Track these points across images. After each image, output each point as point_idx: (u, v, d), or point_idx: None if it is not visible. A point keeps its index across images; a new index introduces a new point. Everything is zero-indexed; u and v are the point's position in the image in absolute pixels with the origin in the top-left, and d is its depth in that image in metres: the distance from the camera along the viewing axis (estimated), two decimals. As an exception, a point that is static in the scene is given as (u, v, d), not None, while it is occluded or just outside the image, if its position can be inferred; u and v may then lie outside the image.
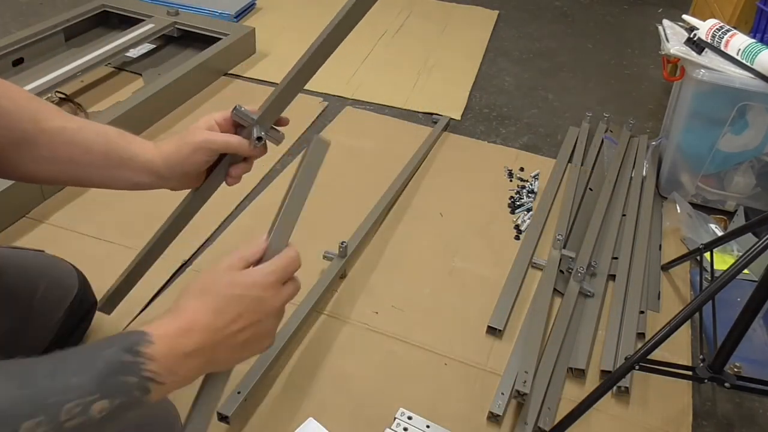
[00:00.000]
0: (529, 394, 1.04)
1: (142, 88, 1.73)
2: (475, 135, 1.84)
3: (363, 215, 1.41)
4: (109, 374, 0.46)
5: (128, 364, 0.47)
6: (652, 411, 1.09)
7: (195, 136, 0.72)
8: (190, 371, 0.53)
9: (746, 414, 1.11)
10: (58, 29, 1.98)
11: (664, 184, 1.63)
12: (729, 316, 0.96)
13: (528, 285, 1.32)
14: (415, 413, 1.03)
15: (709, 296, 0.94)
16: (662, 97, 2.09)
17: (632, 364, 0.95)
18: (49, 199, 1.41)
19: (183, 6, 2.21)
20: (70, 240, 1.31)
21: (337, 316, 1.21)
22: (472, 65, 2.22)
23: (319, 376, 1.09)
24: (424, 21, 2.52)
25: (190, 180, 0.77)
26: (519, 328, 1.22)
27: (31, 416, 0.42)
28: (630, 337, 1.19)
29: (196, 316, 0.53)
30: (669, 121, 1.72)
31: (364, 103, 1.94)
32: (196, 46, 2.07)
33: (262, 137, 0.73)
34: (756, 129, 1.47)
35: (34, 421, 0.41)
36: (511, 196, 1.57)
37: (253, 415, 1.01)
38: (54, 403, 0.43)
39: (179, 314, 0.53)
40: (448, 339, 1.18)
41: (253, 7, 2.46)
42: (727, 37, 1.44)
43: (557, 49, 2.42)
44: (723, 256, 1.39)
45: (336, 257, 1.28)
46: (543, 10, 2.77)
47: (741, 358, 1.09)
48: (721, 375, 0.96)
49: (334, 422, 1.00)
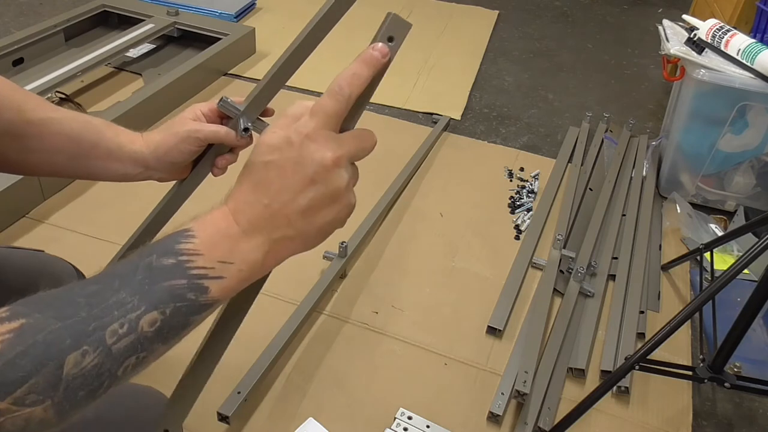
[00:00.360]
0: (529, 394, 1.04)
1: (142, 88, 1.73)
2: (475, 135, 1.84)
3: (363, 215, 1.41)
4: (151, 283, 0.42)
5: (170, 268, 0.42)
6: (652, 411, 1.09)
7: (182, 126, 0.72)
8: (251, 254, 0.45)
9: (746, 414, 1.11)
10: (58, 29, 1.98)
11: (664, 184, 1.63)
12: (729, 316, 0.96)
13: (528, 285, 1.32)
14: (415, 413, 1.03)
15: (709, 296, 0.94)
16: (662, 97, 2.09)
17: (632, 364, 0.95)
18: (49, 199, 1.41)
19: (183, 6, 2.21)
20: (70, 240, 1.31)
21: (337, 316, 1.21)
22: (472, 65, 2.22)
23: (319, 376, 1.09)
24: (424, 21, 2.52)
25: (176, 170, 0.77)
26: (519, 328, 1.22)
27: (75, 347, 0.38)
28: (630, 337, 1.19)
29: (238, 195, 0.47)
30: (669, 121, 1.72)
31: (364, 103, 1.94)
32: (196, 46, 2.07)
33: (248, 128, 0.73)
34: (756, 129, 1.47)
35: (78, 352, 0.38)
36: (511, 196, 1.57)
37: (253, 415, 1.01)
38: (96, 328, 0.39)
39: (223, 202, 0.47)
40: (448, 339, 1.18)
41: (253, 7, 2.46)
42: (727, 37, 1.44)
43: (557, 49, 2.42)
44: (723, 256, 1.39)
45: (336, 257, 1.28)
46: (543, 10, 2.77)
47: (741, 358, 1.09)
48: (721, 375, 0.96)
49: (334, 422, 1.00)
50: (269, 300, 1.21)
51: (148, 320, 0.41)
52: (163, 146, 0.73)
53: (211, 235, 0.45)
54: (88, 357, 0.39)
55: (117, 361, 0.40)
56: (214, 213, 0.46)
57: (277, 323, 1.12)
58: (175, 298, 0.42)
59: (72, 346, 0.38)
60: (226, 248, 0.44)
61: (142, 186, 0.78)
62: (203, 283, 0.43)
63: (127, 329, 0.40)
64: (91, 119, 0.73)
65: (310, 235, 0.48)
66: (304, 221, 0.46)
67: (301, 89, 1.95)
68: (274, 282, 1.23)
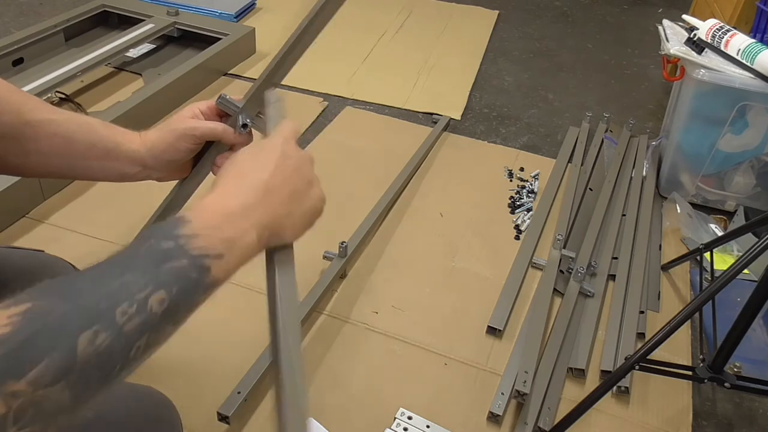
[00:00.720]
0: (529, 394, 1.04)
1: (142, 88, 1.73)
2: (475, 135, 1.84)
3: (363, 215, 1.41)
4: (156, 265, 0.43)
5: (171, 250, 0.44)
6: (652, 411, 1.09)
7: (179, 124, 0.72)
8: (246, 234, 0.49)
9: (746, 414, 1.11)
10: (58, 29, 1.98)
11: (664, 184, 1.63)
12: (729, 316, 0.96)
13: (528, 285, 1.32)
14: (415, 413, 1.03)
15: (709, 296, 0.94)
16: (662, 97, 2.09)
17: (632, 364, 0.95)
18: (49, 199, 1.41)
19: (183, 6, 2.21)
20: (70, 240, 1.31)
21: (337, 316, 1.21)
22: (472, 65, 2.22)
23: (319, 376, 1.09)
24: (424, 21, 2.52)
25: (175, 169, 0.76)
26: (519, 328, 1.22)
27: (86, 326, 0.38)
28: (630, 337, 1.19)
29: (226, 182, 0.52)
30: (669, 121, 1.72)
31: (364, 103, 1.94)
32: (196, 46, 2.07)
33: (247, 124, 0.73)
34: (756, 129, 1.47)
35: (90, 331, 0.38)
36: (511, 196, 1.57)
37: (253, 415, 1.01)
38: (106, 308, 0.39)
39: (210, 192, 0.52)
40: (448, 339, 1.18)
41: (253, 7, 2.46)
42: (727, 37, 1.44)
43: (557, 49, 2.42)
44: (723, 256, 1.39)
45: (336, 257, 1.28)
46: (543, 10, 2.77)
47: (741, 358, 1.09)
48: (721, 375, 0.96)
49: (334, 422, 1.00)
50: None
51: (156, 300, 0.41)
52: (160, 144, 0.72)
53: (207, 218, 0.47)
54: (100, 337, 0.39)
55: (128, 341, 0.40)
56: (206, 200, 0.49)
57: (277, 323, 1.12)
58: (179, 278, 0.43)
59: (83, 326, 0.38)
60: (223, 229, 0.47)
61: (143, 186, 0.78)
62: (205, 262, 0.45)
63: (137, 309, 0.40)
64: (89, 119, 0.73)
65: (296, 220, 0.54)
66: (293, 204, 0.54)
67: (301, 89, 1.95)
68: (274, 282, 1.23)
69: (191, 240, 0.45)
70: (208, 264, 0.45)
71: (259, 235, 0.50)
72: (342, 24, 2.34)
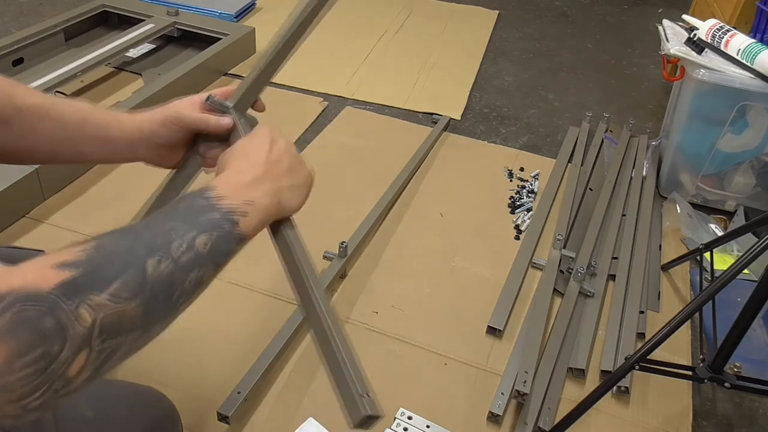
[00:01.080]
0: (529, 394, 1.04)
1: (142, 88, 1.73)
2: (475, 135, 1.84)
3: (363, 215, 1.41)
4: (195, 216, 0.50)
5: (205, 207, 0.51)
6: (652, 411, 1.09)
7: (168, 109, 0.72)
8: (264, 198, 0.56)
9: (746, 414, 1.11)
10: (58, 29, 1.98)
11: (664, 184, 1.63)
12: (729, 316, 0.96)
13: (528, 285, 1.32)
14: (415, 413, 1.03)
15: (709, 296, 0.94)
16: (662, 97, 2.09)
17: (632, 364, 0.95)
18: (49, 199, 1.41)
19: (183, 6, 2.21)
20: (70, 240, 1.31)
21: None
22: (472, 65, 2.22)
23: (319, 376, 1.09)
24: (424, 21, 2.52)
25: (163, 153, 0.75)
26: (519, 328, 1.22)
27: (150, 255, 0.44)
28: (630, 337, 1.19)
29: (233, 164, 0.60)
30: (669, 121, 1.72)
31: (364, 103, 1.94)
32: (196, 46, 2.07)
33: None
34: (756, 129, 1.47)
35: (154, 259, 0.44)
36: (511, 196, 1.57)
37: (253, 415, 1.01)
38: (162, 243, 0.46)
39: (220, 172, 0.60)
40: (448, 339, 1.18)
41: (253, 7, 2.46)
42: (727, 37, 1.44)
43: (557, 49, 2.42)
44: (723, 256, 1.39)
45: (336, 257, 1.28)
46: (543, 10, 2.77)
47: (741, 358, 1.09)
48: (721, 375, 0.96)
49: (334, 422, 1.00)
50: (269, 300, 1.21)
51: (200, 241, 0.48)
52: (148, 124, 0.72)
53: (228, 186, 0.55)
54: (162, 263, 0.45)
55: (184, 271, 0.47)
56: (220, 177, 0.57)
57: (277, 323, 1.12)
58: (215, 227, 0.50)
59: (147, 254, 0.44)
60: (244, 192, 0.55)
61: (143, 186, 0.78)
62: (233, 216, 0.52)
63: (187, 247, 0.47)
64: (79, 103, 0.73)
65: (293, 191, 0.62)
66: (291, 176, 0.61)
67: (301, 89, 1.95)
68: (275, 282, 1.23)
69: (220, 200, 0.52)
70: (236, 219, 0.52)
71: (273, 199, 0.58)
72: (342, 24, 2.34)
